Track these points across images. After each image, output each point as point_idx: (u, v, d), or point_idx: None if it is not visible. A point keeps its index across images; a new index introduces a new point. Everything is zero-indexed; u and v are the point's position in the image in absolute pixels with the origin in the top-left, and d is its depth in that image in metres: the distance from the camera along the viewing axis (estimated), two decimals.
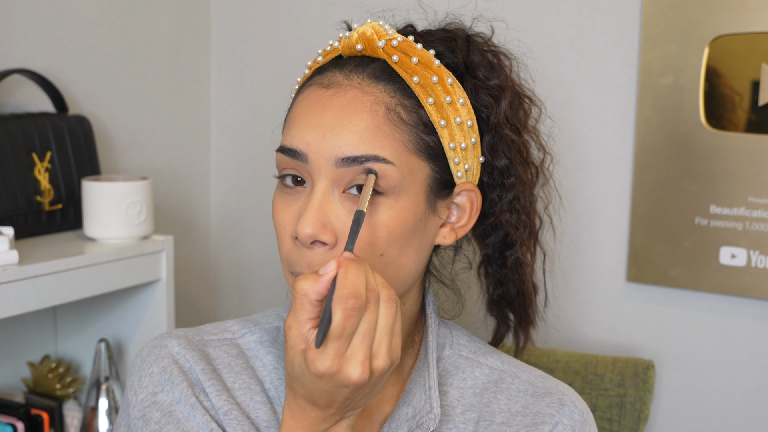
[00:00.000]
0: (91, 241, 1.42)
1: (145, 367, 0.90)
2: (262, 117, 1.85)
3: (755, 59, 1.35)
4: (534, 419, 0.92)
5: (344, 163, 0.82)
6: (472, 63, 0.91)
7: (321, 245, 0.82)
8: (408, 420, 0.90)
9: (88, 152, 1.49)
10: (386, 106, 0.84)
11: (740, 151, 1.37)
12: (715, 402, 1.46)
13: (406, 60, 0.86)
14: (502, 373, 0.96)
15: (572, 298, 1.54)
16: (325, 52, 0.91)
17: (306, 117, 0.85)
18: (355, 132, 0.82)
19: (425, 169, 0.86)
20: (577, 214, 1.52)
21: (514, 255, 0.98)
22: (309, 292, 0.72)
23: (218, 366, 0.91)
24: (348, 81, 0.85)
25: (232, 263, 1.93)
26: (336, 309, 0.71)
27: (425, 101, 0.86)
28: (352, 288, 0.71)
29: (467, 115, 0.88)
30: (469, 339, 1.00)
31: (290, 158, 0.84)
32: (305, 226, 0.81)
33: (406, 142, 0.84)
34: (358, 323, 0.72)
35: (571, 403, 0.94)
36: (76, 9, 1.58)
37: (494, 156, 0.92)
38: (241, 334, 0.96)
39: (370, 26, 0.88)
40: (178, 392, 0.88)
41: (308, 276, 0.73)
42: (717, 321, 1.44)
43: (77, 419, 1.51)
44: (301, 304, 0.73)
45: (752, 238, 1.37)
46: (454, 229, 0.91)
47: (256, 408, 0.90)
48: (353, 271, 0.72)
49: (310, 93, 0.87)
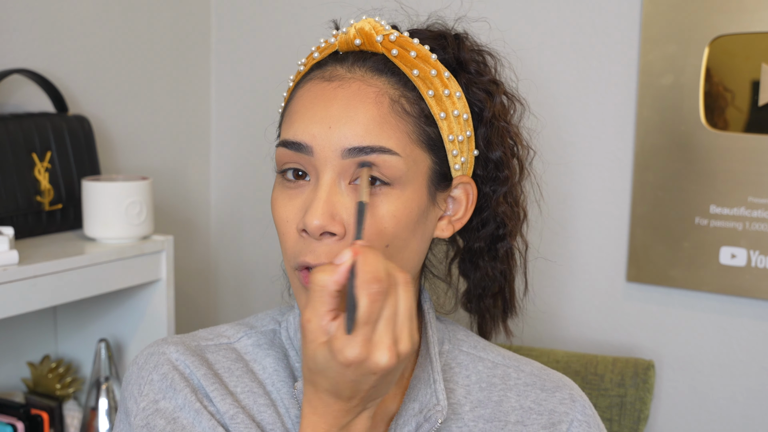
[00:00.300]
0: (91, 241, 1.42)
1: (144, 375, 0.89)
2: (262, 117, 1.85)
3: (755, 59, 1.35)
4: (550, 418, 0.93)
5: (351, 153, 0.82)
6: (464, 59, 0.93)
7: (330, 236, 0.82)
8: (415, 415, 0.90)
9: (88, 152, 1.49)
10: (390, 98, 0.85)
11: (740, 151, 1.37)
12: (715, 402, 1.46)
13: (405, 54, 0.87)
14: (506, 368, 0.97)
15: (572, 298, 1.54)
16: (320, 49, 0.91)
17: (309, 110, 0.85)
18: (361, 123, 0.83)
19: (427, 160, 0.87)
20: (577, 213, 1.52)
21: (506, 246, 0.99)
22: (328, 283, 0.72)
23: (219, 370, 0.91)
24: (351, 74, 0.86)
25: (231, 263, 1.93)
26: (361, 295, 0.70)
27: (425, 93, 0.87)
28: (374, 272, 0.71)
29: (463, 109, 0.89)
30: (466, 334, 1.01)
31: (293, 152, 0.84)
32: (314, 218, 0.81)
33: (410, 133, 0.85)
34: (383, 308, 0.72)
35: (580, 397, 0.96)
36: (76, 9, 1.58)
37: (489, 149, 0.93)
38: (237, 338, 0.95)
39: (366, 22, 0.89)
40: (181, 398, 0.87)
41: (325, 267, 0.73)
42: (717, 321, 1.44)
43: (77, 419, 1.51)
44: (321, 296, 0.72)
45: (752, 238, 1.37)
46: (451, 222, 0.92)
47: (260, 411, 0.89)
48: (372, 257, 0.72)
49: (311, 87, 0.87)
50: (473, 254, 1.01)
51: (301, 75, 0.91)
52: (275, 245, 1.35)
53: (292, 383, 0.91)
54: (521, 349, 1.39)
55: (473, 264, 1.02)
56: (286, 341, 0.94)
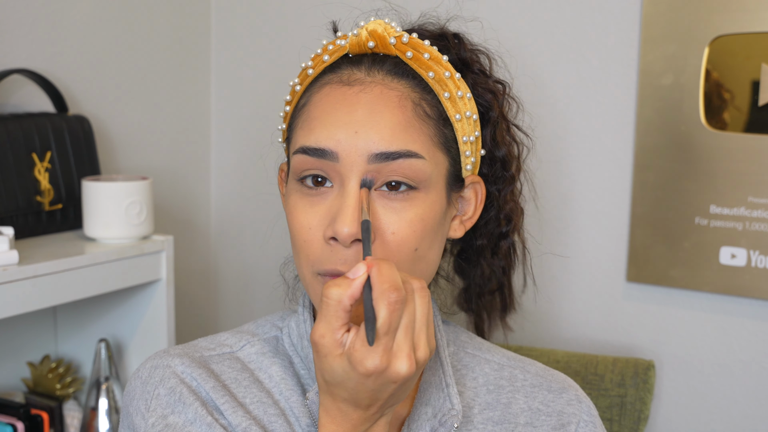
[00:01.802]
0: (91, 241, 1.42)
1: (149, 390, 0.87)
2: (263, 117, 1.85)
3: (755, 59, 1.35)
4: (560, 419, 0.94)
5: (377, 159, 0.81)
6: (467, 59, 0.93)
7: (359, 243, 0.81)
8: (429, 419, 0.89)
9: (88, 152, 1.49)
10: (413, 101, 0.84)
11: (740, 151, 1.37)
12: (715, 402, 1.46)
13: (419, 56, 0.87)
14: (512, 370, 0.97)
15: (572, 298, 1.54)
16: (329, 51, 0.89)
17: (331, 115, 0.83)
18: (387, 127, 0.82)
19: (445, 162, 0.87)
20: (577, 213, 1.52)
21: (509, 242, 1.00)
22: (343, 297, 0.72)
23: (226, 381, 0.89)
24: (371, 77, 0.85)
25: (232, 263, 1.93)
26: (380, 305, 0.71)
27: (442, 96, 0.87)
28: (391, 282, 0.71)
29: (473, 109, 0.90)
30: (469, 335, 1.01)
31: (316, 158, 0.83)
32: (344, 226, 0.80)
33: (432, 136, 0.85)
34: (401, 317, 0.72)
35: (585, 398, 0.97)
36: (76, 9, 1.58)
37: (495, 148, 0.94)
38: (240, 347, 0.94)
39: (377, 24, 0.87)
40: (192, 413, 0.85)
41: (339, 282, 0.72)
42: (717, 321, 1.44)
43: (77, 419, 1.51)
44: (336, 311, 0.72)
45: (752, 238, 1.37)
46: (462, 222, 0.92)
47: (271, 421, 0.88)
48: (386, 268, 0.72)
49: (330, 91, 0.86)
50: (474, 252, 1.01)
51: (311, 78, 0.90)
52: (275, 245, 1.35)
53: (300, 391, 0.90)
54: (521, 350, 1.39)
55: (473, 262, 1.02)
56: (290, 348, 0.93)
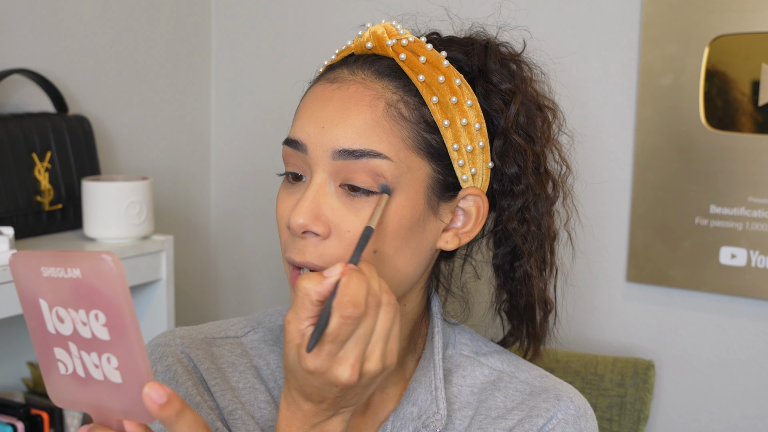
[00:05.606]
0: (91, 241, 1.42)
1: None
2: (262, 117, 1.85)
3: (755, 59, 1.35)
4: (529, 413, 0.92)
5: (341, 155, 0.82)
6: (487, 68, 0.90)
7: (313, 236, 0.83)
8: (413, 419, 0.89)
9: (88, 152, 1.49)
10: (387, 102, 0.84)
11: (740, 151, 1.37)
12: (715, 402, 1.46)
13: (414, 59, 0.86)
14: (501, 374, 0.96)
15: (572, 298, 1.54)
16: (340, 51, 0.92)
17: (308, 109, 0.86)
18: (353, 125, 0.82)
19: (425, 168, 0.85)
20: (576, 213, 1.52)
21: (523, 267, 0.95)
22: (311, 291, 0.73)
23: (222, 365, 0.92)
24: (352, 76, 0.86)
25: (232, 263, 1.93)
26: (334, 315, 0.71)
27: (429, 100, 0.85)
28: (352, 296, 0.71)
29: (475, 118, 0.87)
30: (472, 338, 0.99)
31: (293, 149, 0.85)
32: (297, 216, 0.82)
33: (405, 138, 0.84)
34: (353, 331, 0.72)
35: (568, 398, 0.93)
36: (76, 9, 1.58)
37: (504, 162, 0.90)
38: (245, 333, 0.96)
39: (381, 26, 0.89)
40: (182, 391, 0.88)
41: (312, 276, 0.73)
42: (716, 321, 1.44)
43: (77, 419, 1.51)
44: (302, 302, 0.73)
45: (752, 238, 1.37)
46: (458, 235, 0.90)
47: (260, 408, 0.90)
48: (356, 281, 0.72)
49: (316, 88, 0.88)
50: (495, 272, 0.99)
51: (318, 76, 0.92)
52: (275, 245, 1.35)
53: None
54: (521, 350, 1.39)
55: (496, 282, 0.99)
56: None
